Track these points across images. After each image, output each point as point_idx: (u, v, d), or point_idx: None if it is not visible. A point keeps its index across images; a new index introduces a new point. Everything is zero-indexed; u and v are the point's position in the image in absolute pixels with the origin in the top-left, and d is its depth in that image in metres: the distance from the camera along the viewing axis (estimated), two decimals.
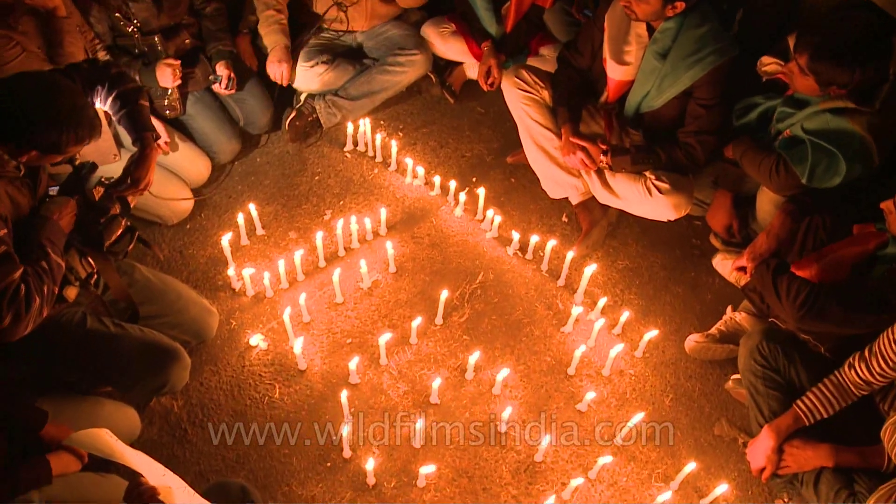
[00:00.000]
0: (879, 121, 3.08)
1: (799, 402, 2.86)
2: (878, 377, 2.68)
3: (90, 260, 2.77)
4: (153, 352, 2.96)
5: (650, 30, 3.52)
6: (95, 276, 2.83)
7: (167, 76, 3.76)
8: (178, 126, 4.04)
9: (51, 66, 3.19)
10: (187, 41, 4.01)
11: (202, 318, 3.29)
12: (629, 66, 3.62)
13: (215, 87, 4.09)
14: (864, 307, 2.77)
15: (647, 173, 3.71)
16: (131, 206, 2.94)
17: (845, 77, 3.01)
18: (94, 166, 2.82)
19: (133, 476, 2.27)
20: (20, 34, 3.11)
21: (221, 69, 4.06)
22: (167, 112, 3.94)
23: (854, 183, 3.14)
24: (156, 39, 3.78)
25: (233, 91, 4.12)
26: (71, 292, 2.67)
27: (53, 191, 2.75)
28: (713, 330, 3.61)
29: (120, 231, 2.82)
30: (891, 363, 2.61)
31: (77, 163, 2.80)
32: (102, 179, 2.91)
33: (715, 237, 3.96)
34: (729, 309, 3.61)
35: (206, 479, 3.13)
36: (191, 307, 3.23)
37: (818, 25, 3.11)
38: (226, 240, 3.65)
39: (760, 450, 2.92)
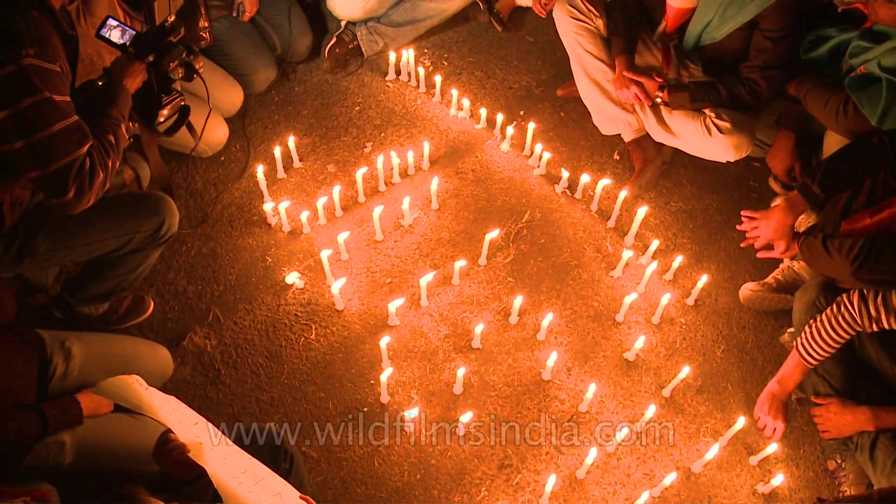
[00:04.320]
0: None
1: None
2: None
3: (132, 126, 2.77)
4: (138, 199, 2.92)
5: None
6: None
7: None
8: (211, 52, 3.90)
9: None
10: None
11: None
12: None
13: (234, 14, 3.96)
14: None
15: (707, 111, 3.50)
16: (199, 70, 2.87)
17: None
18: (179, 26, 2.74)
19: (163, 430, 2.19)
20: None
21: None
22: (198, 42, 3.78)
23: None
24: None
25: (246, 19, 3.97)
26: None
27: (114, 30, 2.65)
28: (770, 279, 3.44)
29: (174, 109, 2.83)
30: None
31: (167, 22, 2.73)
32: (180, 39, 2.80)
33: (774, 180, 3.77)
34: (786, 258, 3.43)
35: (239, 421, 3.06)
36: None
37: None
38: (261, 172, 3.54)
39: None
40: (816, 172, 2.94)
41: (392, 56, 4.20)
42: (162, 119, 2.79)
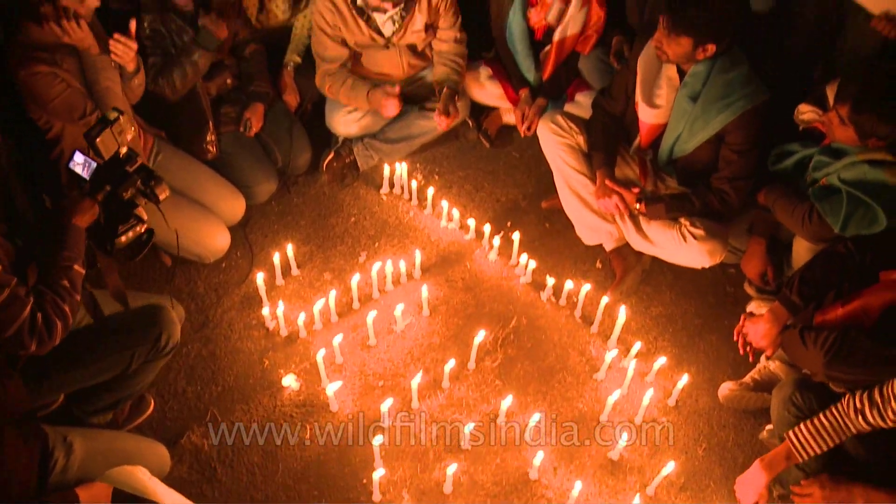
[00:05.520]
0: None
1: (791, 434, 2.84)
2: (891, 422, 2.64)
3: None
4: (137, 314, 3.01)
5: (681, 73, 3.54)
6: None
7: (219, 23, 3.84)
8: (217, 164, 4.11)
9: (92, 102, 3.32)
10: (228, 81, 4.13)
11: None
12: (660, 108, 3.63)
13: (241, 130, 4.18)
14: (893, 344, 2.74)
15: (682, 219, 3.71)
16: (161, 200, 2.87)
17: (886, 129, 3.00)
18: (135, 156, 2.78)
19: None
20: (65, 71, 3.23)
21: (249, 112, 4.16)
22: (205, 154, 4.03)
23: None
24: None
25: (251, 134, 4.18)
26: None
27: (79, 164, 2.71)
28: (747, 378, 3.57)
29: (135, 235, 2.83)
30: None
31: (122, 152, 2.76)
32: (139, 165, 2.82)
33: (749, 285, 3.93)
34: (763, 357, 3.57)
35: None
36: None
37: (860, 76, 3.10)
38: (260, 279, 3.70)
39: (752, 485, 2.92)
40: (792, 283, 3.12)
41: (386, 170, 4.38)
42: (120, 246, 2.81)
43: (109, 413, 3.21)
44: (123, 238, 2.79)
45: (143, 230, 2.85)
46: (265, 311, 3.72)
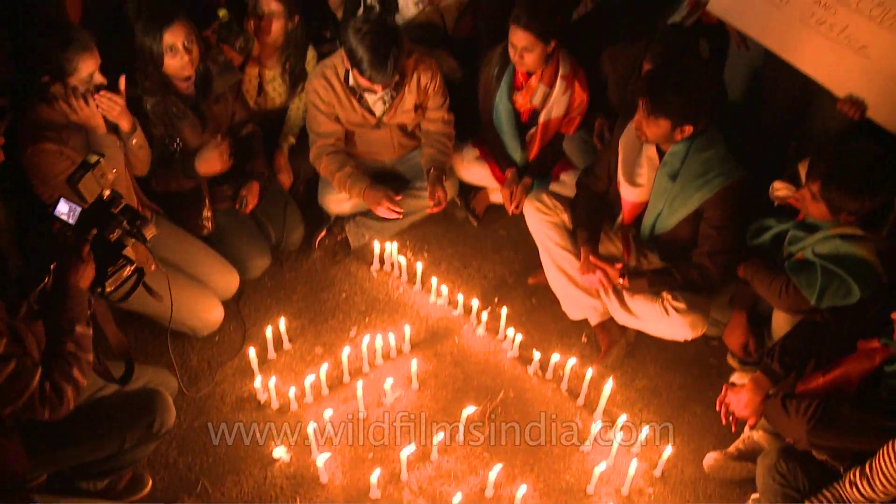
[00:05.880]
0: (886, 247, 3.21)
1: None
2: (881, 494, 2.69)
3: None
4: (132, 398, 3.03)
5: (660, 153, 3.70)
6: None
7: (214, 159, 3.96)
8: (212, 239, 4.20)
9: None
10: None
11: None
12: (642, 187, 3.78)
13: (237, 207, 4.28)
14: (875, 413, 2.82)
15: (664, 293, 3.80)
16: (147, 239, 2.82)
17: (855, 205, 3.13)
18: (119, 198, 2.76)
19: None
20: (70, 149, 3.32)
21: (246, 189, 4.26)
22: (201, 230, 4.14)
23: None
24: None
25: (247, 211, 4.28)
26: None
27: (64, 213, 2.67)
28: (731, 448, 3.62)
29: (126, 274, 2.79)
30: (893, 481, 2.63)
31: (106, 195, 2.74)
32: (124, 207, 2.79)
33: (732, 357, 4.02)
34: (747, 427, 3.63)
35: None
36: None
37: (831, 154, 3.24)
38: (253, 352, 3.77)
39: None
40: (774, 352, 3.22)
41: (377, 247, 4.48)
42: (111, 289, 2.76)
43: (103, 480, 3.22)
44: (113, 280, 2.75)
45: (132, 270, 2.81)
46: (257, 383, 3.76)
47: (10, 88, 3.33)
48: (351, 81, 4.14)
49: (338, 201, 4.54)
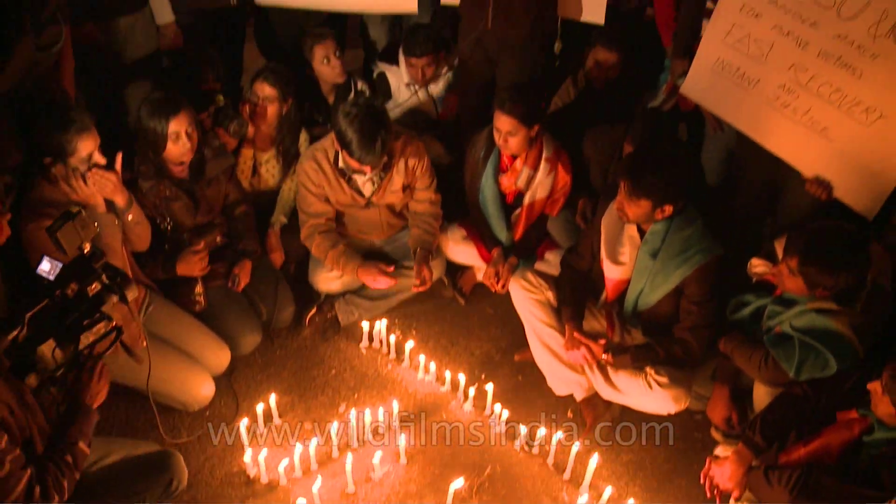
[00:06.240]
0: (861, 321, 3.32)
1: None
2: None
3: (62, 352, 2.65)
4: (148, 460, 3.09)
5: (641, 232, 3.82)
6: (62, 372, 2.66)
7: (193, 264, 4.07)
8: (204, 316, 4.26)
9: None
10: (218, 239, 4.35)
11: None
12: (624, 265, 3.89)
13: (229, 285, 4.36)
14: (855, 482, 2.88)
15: (648, 368, 3.88)
16: (129, 299, 2.79)
17: (831, 281, 3.25)
18: (100, 253, 2.75)
19: None
20: None
21: (238, 268, 4.36)
22: (194, 306, 4.21)
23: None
24: (185, 237, 4.13)
25: (239, 289, 4.37)
26: (32, 380, 2.56)
27: (45, 270, 2.65)
28: None
29: (104, 331, 2.73)
30: None
31: (87, 249, 2.74)
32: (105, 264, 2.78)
33: (715, 430, 4.06)
34: (731, 499, 3.67)
35: None
36: None
37: (808, 232, 3.36)
38: (243, 427, 3.80)
39: None
40: (755, 424, 3.30)
41: (366, 325, 4.55)
42: (86, 343, 2.69)
43: None
44: (88, 335, 2.69)
45: (110, 327, 2.75)
46: (247, 457, 3.78)
47: (18, 169, 3.44)
48: (341, 163, 4.27)
49: (328, 280, 4.63)
